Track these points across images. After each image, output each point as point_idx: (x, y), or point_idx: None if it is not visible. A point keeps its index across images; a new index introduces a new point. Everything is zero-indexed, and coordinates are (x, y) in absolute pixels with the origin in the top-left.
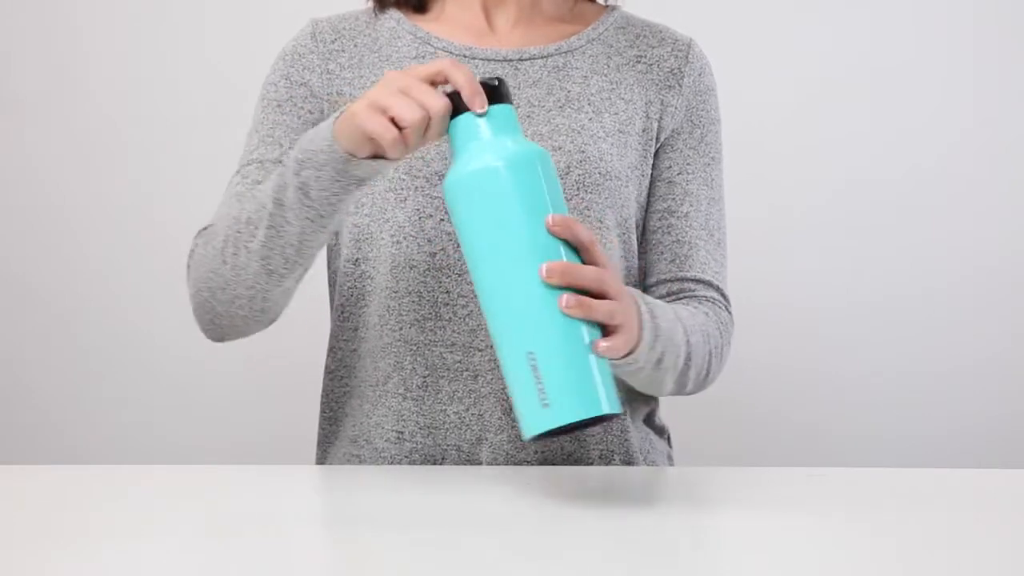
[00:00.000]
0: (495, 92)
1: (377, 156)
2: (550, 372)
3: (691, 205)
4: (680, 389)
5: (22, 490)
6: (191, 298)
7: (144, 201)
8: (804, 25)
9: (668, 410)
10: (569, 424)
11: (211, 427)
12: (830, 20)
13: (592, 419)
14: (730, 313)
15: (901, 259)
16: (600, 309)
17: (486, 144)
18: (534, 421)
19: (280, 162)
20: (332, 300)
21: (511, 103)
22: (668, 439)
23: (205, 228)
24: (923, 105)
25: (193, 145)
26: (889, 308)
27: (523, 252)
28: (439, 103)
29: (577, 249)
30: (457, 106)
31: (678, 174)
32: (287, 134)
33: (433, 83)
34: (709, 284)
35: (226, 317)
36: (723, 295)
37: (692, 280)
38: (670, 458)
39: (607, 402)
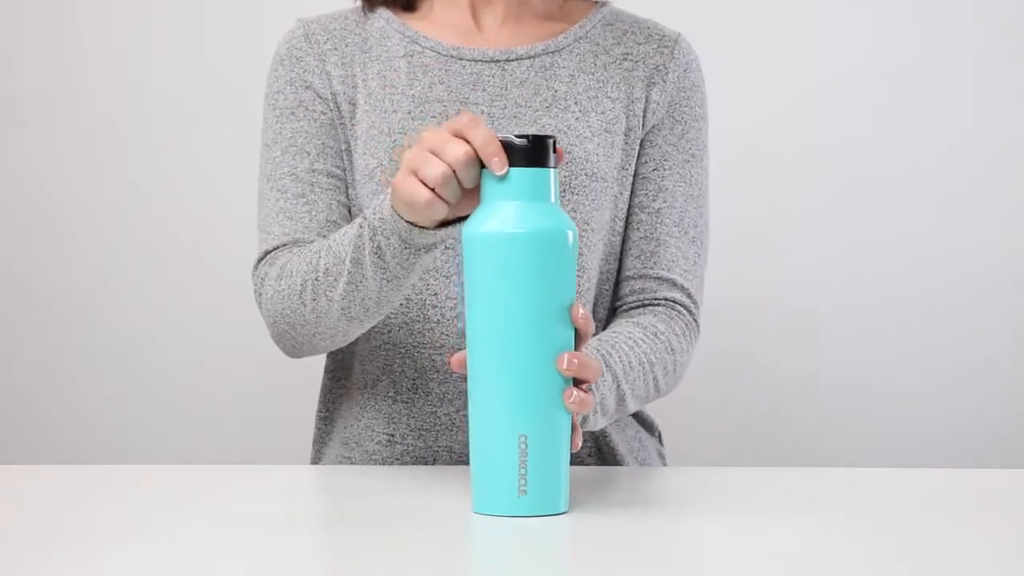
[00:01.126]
0: (540, 152)
1: (445, 223)
2: (537, 461)
3: (664, 201)
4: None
5: (22, 490)
6: (268, 326)
7: (144, 201)
8: (804, 25)
9: (665, 410)
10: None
11: (210, 427)
12: (830, 20)
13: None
14: (693, 315)
15: (901, 259)
16: (591, 404)
17: (515, 207)
18: (502, 503)
19: (315, 171)
20: None
21: (554, 166)
22: (659, 437)
23: (269, 253)
24: (923, 105)
25: (193, 145)
26: (889, 308)
27: (536, 335)
28: (456, 153)
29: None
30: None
31: (653, 170)
32: (309, 140)
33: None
34: (674, 283)
35: (308, 345)
36: (689, 296)
37: (656, 279)
38: (662, 456)
39: (566, 500)
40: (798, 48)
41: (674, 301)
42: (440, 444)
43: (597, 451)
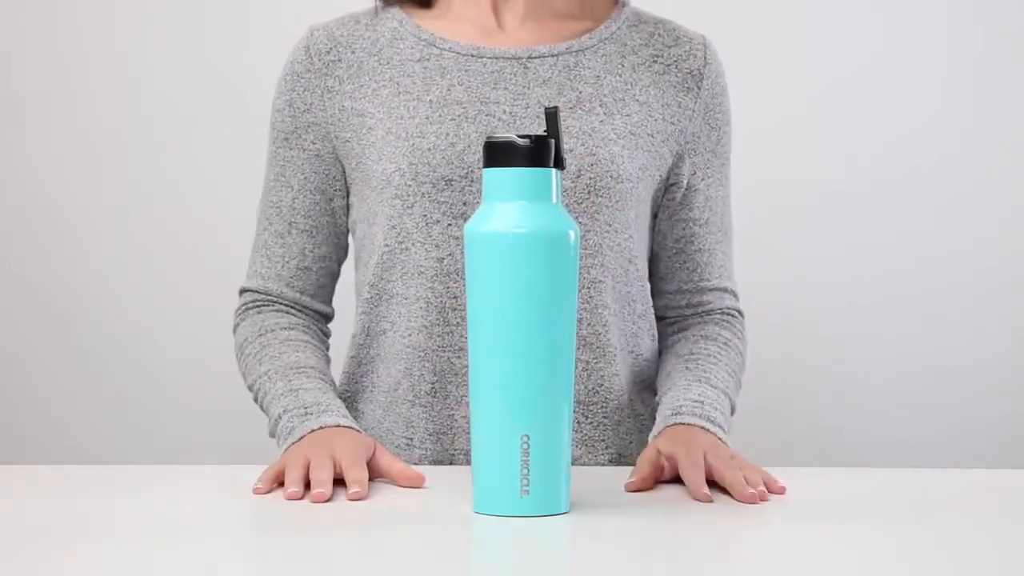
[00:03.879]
0: (542, 151)
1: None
2: (540, 462)
3: (711, 210)
4: None
5: (22, 490)
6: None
7: (144, 201)
8: (804, 26)
9: None
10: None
11: (211, 428)
12: (830, 21)
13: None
14: (741, 313)
15: (901, 259)
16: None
17: (517, 207)
18: (504, 502)
19: (294, 209)
20: (356, 308)
21: (555, 167)
22: None
23: (244, 292)
24: (923, 105)
25: (193, 145)
26: (889, 308)
27: (537, 334)
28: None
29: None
30: (495, 155)
31: (701, 180)
32: (295, 173)
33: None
34: (725, 290)
35: None
36: (735, 295)
37: (710, 290)
38: None
39: (567, 500)
40: (798, 49)
41: (728, 309)
42: (457, 447)
43: (619, 455)
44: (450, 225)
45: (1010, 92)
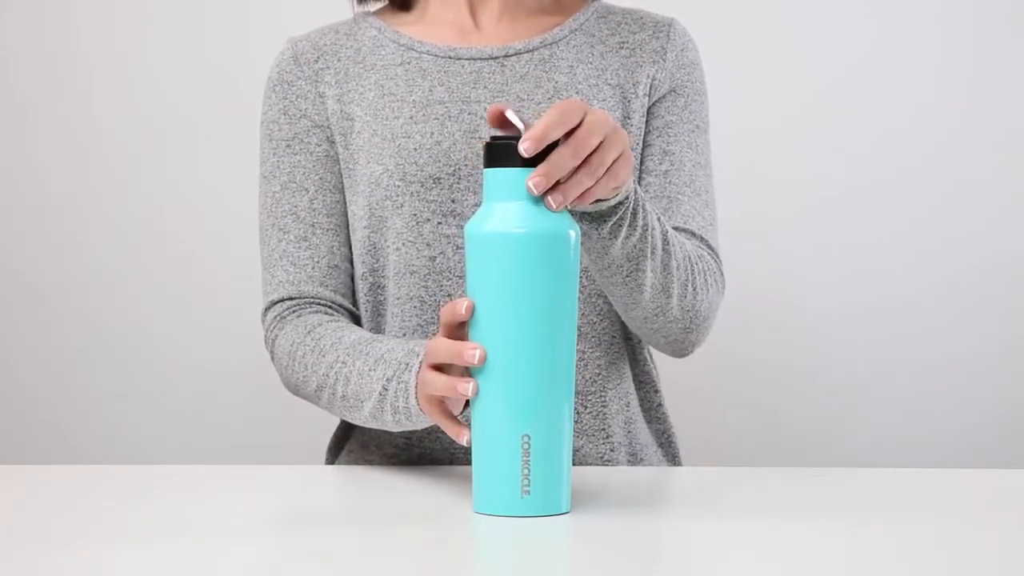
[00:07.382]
0: (541, 153)
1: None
2: (540, 461)
3: (672, 164)
4: (662, 298)
5: (22, 490)
6: (278, 373)
7: (144, 201)
8: (801, 25)
9: (668, 407)
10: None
11: (211, 429)
12: (828, 20)
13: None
14: (720, 270)
15: (901, 259)
16: (551, 177)
17: (517, 207)
18: (505, 503)
19: (315, 210)
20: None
21: None
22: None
23: (276, 304)
24: (921, 105)
25: (193, 145)
26: (889, 308)
27: (538, 334)
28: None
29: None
30: (495, 155)
31: (657, 137)
32: (308, 176)
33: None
34: (693, 234)
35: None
36: (710, 248)
37: (676, 230)
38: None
39: (568, 500)
40: (796, 49)
41: (700, 249)
42: (456, 446)
43: (620, 446)
44: (440, 223)
45: (1008, 91)
